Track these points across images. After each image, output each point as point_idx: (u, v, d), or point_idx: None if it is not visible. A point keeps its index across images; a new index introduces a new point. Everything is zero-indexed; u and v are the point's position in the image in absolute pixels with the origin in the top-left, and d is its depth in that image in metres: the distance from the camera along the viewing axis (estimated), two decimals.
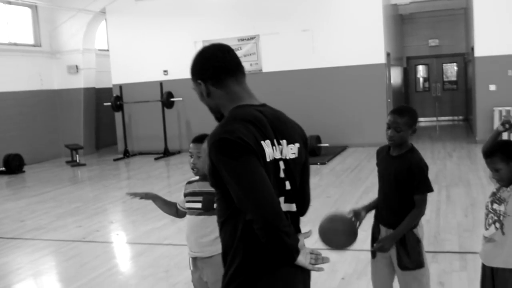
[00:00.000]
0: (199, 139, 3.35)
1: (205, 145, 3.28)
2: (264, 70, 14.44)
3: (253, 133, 2.03)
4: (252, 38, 14.51)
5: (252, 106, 2.15)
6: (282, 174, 2.12)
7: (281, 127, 2.16)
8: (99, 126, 17.12)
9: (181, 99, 14.77)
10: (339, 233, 2.62)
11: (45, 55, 16.00)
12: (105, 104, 15.73)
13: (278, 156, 2.11)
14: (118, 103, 15.36)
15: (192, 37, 14.91)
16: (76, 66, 16.07)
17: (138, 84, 15.51)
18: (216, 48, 2.23)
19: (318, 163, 11.51)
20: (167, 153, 14.77)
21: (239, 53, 14.39)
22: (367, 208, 3.38)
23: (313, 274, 2.21)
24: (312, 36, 13.93)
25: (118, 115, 15.83)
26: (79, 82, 16.17)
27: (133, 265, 6.19)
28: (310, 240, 2.18)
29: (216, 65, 2.17)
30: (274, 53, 14.32)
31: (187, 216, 3.38)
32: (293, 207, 2.17)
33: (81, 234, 7.40)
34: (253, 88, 2.23)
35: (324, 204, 7.91)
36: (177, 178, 11.55)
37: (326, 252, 2.26)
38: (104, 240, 7.25)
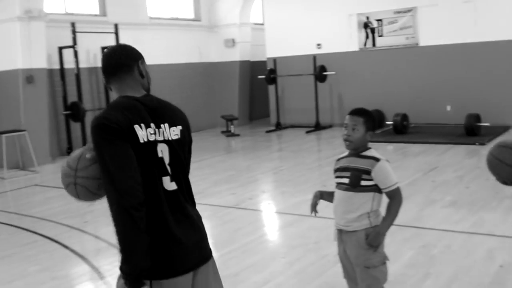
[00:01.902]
0: (356, 112, 3.32)
1: (359, 119, 3.27)
2: (421, 44, 13.87)
3: (129, 118, 2.27)
4: (409, 10, 13.97)
5: (130, 96, 2.39)
6: (160, 154, 2.33)
7: (161, 112, 2.41)
8: (253, 98, 17.61)
9: (334, 73, 14.68)
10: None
11: (204, 29, 16.71)
12: (259, 77, 16.12)
13: (157, 138, 2.33)
14: (271, 76, 15.65)
15: (347, 10, 14.71)
16: (233, 40, 16.61)
17: (291, 57, 15.65)
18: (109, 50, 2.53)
19: (477, 143, 10.90)
20: (318, 126, 14.83)
21: (394, 26, 14.05)
22: None
23: (469, 261, 2.11)
24: (474, 7, 13.07)
25: (271, 88, 16.15)
26: (235, 55, 16.72)
27: (283, 235, 6.33)
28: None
29: (112, 63, 2.47)
30: (432, 26, 13.66)
31: (336, 189, 3.38)
32: (174, 185, 2.36)
33: (235, 201, 7.71)
34: (408, 62, 2.16)
35: (482, 187, 7.50)
36: (328, 153, 11.57)
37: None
38: (255, 208, 7.49)
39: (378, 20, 14.41)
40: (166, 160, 2.35)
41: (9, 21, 11.11)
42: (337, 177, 3.37)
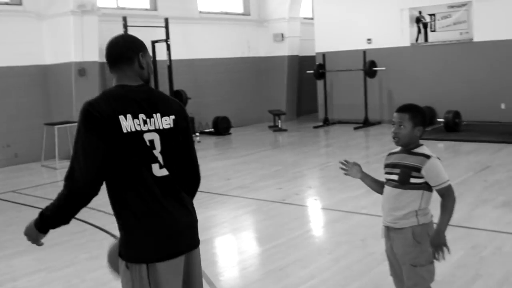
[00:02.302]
0: (403, 109, 3.27)
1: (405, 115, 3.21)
2: (475, 39, 13.51)
3: (113, 108, 2.37)
4: (463, 4, 13.63)
5: (125, 85, 2.49)
6: (148, 144, 2.43)
7: (154, 102, 2.49)
8: (301, 93, 17.54)
9: (384, 68, 14.48)
10: None
11: (253, 24, 16.73)
12: (307, 72, 16.04)
13: (146, 128, 2.43)
14: (320, 71, 15.56)
15: (399, 4, 14.47)
16: (282, 34, 16.57)
17: (341, 52, 15.51)
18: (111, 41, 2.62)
19: None
20: (367, 123, 14.66)
21: (447, 21, 13.73)
22: None
23: None
24: None
25: (319, 83, 16.05)
26: (284, 49, 16.67)
27: (329, 231, 6.29)
28: None
29: (113, 53, 2.57)
30: (487, 21, 13.27)
31: (385, 185, 3.33)
32: (164, 172, 2.46)
33: (281, 195, 7.70)
34: (461, 58, 2.10)
35: None
36: (376, 149, 11.45)
37: None
38: (302, 204, 7.47)
39: (431, 15, 14.12)
40: (158, 148, 2.45)
41: (63, 15, 11.39)
42: (386, 173, 3.33)
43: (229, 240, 6.16)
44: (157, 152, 2.45)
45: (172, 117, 2.52)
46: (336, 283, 4.58)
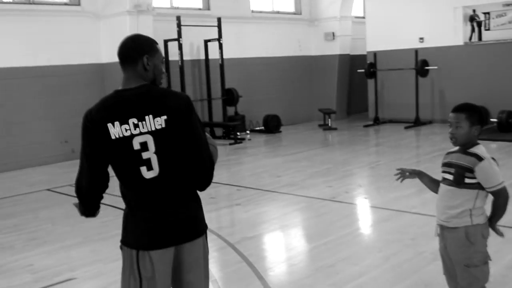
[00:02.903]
0: (459, 109, 3.25)
1: (461, 115, 3.21)
2: None
3: (102, 117, 2.54)
4: None
5: (120, 91, 2.61)
6: (136, 147, 2.54)
7: (145, 105, 2.56)
8: (351, 92, 17.48)
9: (436, 67, 14.30)
10: None
11: (304, 23, 16.78)
12: (358, 70, 15.99)
13: (137, 131, 2.54)
14: (371, 70, 15.48)
15: (452, 2, 14.25)
16: (333, 33, 16.55)
17: (392, 51, 15.38)
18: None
19: None
20: (418, 122, 14.51)
21: (502, 20, 13.44)
22: None
23: None
24: None
25: (370, 82, 15.97)
26: (335, 48, 16.65)
27: (379, 229, 6.30)
28: None
29: (119, 54, 2.68)
30: None
31: (440, 184, 3.35)
32: (153, 173, 2.58)
33: (331, 193, 7.75)
34: None
35: None
36: (427, 149, 11.34)
37: None
38: (351, 202, 7.50)
39: (485, 13, 13.85)
40: (152, 149, 2.57)
41: (119, 15, 11.72)
42: (443, 171, 3.34)
43: (279, 236, 6.26)
44: (150, 154, 2.57)
45: (164, 117, 2.56)
46: (386, 281, 4.62)
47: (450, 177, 3.23)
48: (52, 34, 11.50)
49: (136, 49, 2.64)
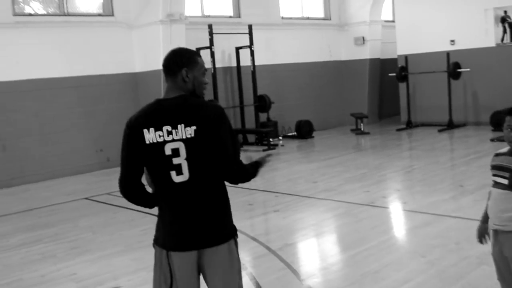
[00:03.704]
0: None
1: None
2: None
3: (140, 123, 2.73)
4: None
5: (160, 100, 2.80)
6: (168, 152, 2.71)
7: (179, 115, 2.72)
8: (382, 96, 17.40)
9: (468, 69, 14.14)
10: None
11: (334, 28, 16.77)
12: (389, 74, 15.91)
13: (170, 138, 2.70)
14: (403, 74, 15.38)
15: (482, 4, 14.10)
16: (363, 38, 16.51)
17: (423, 54, 15.28)
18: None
19: None
20: (451, 125, 14.37)
21: None
22: None
23: None
24: None
25: (402, 86, 15.87)
26: (365, 53, 16.60)
27: (421, 234, 6.23)
28: None
29: (163, 66, 2.87)
30: None
31: (492, 188, 3.31)
32: (182, 178, 2.73)
33: (369, 198, 7.72)
34: None
35: None
36: (461, 152, 11.22)
37: None
38: (390, 207, 7.47)
39: None
40: (183, 155, 2.72)
41: (152, 24, 11.87)
42: (494, 175, 3.29)
43: (319, 242, 6.25)
44: (181, 159, 2.72)
45: (194, 127, 2.71)
46: (433, 286, 4.59)
47: (504, 181, 3.18)
48: (86, 45, 11.71)
49: (176, 62, 2.81)
